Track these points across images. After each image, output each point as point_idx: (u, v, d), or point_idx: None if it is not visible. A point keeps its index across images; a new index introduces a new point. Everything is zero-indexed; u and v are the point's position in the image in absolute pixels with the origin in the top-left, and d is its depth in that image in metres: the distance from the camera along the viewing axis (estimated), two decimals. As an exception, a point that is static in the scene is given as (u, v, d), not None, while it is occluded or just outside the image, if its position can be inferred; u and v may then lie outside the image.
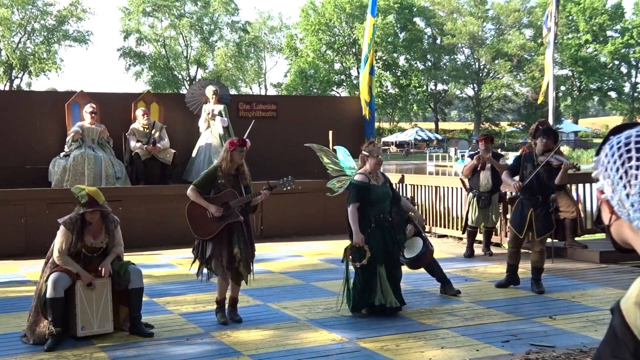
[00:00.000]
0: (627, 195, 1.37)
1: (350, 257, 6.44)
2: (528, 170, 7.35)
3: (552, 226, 7.52)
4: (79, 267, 5.73)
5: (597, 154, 1.47)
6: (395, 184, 12.45)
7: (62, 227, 5.76)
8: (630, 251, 1.44)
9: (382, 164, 6.65)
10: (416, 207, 7.80)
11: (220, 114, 12.00)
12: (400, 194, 12.07)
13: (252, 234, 6.50)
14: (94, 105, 11.21)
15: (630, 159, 1.37)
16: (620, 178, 1.38)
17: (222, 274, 6.31)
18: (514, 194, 7.49)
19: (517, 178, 7.48)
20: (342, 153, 7.45)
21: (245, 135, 11.02)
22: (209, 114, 11.95)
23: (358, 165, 6.81)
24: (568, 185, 9.59)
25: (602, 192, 1.43)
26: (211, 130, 11.96)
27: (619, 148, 1.40)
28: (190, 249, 6.51)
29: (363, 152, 6.62)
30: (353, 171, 6.98)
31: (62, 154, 11.09)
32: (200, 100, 12.25)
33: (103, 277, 5.80)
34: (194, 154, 12.03)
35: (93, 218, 5.78)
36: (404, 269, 7.48)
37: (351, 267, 6.52)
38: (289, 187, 6.76)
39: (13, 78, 66.95)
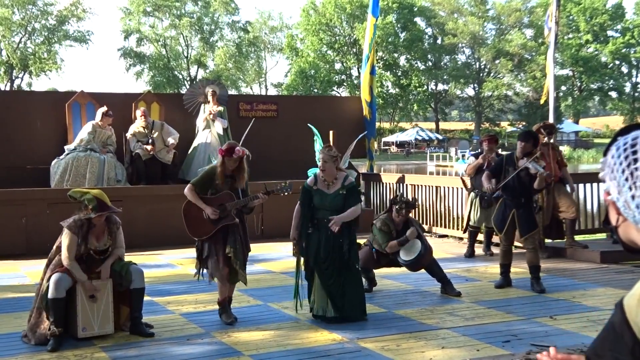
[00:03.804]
0: (633, 197, 1.36)
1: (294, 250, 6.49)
2: (510, 174, 7.46)
3: (534, 226, 7.63)
4: (84, 277, 5.69)
5: (605, 154, 1.46)
6: (393, 183, 12.52)
7: (67, 231, 5.70)
8: (638, 251, 1.43)
9: (325, 171, 6.22)
10: (416, 205, 7.65)
11: (220, 114, 12.03)
12: (405, 195, 12.10)
13: (247, 236, 6.49)
14: (109, 111, 11.22)
15: (636, 160, 1.37)
16: (626, 180, 1.38)
17: (219, 276, 6.29)
18: (496, 193, 7.59)
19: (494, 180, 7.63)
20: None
21: (244, 136, 11.09)
22: (210, 113, 11.96)
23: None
24: (567, 187, 9.59)
25: (608, 193, 1.43)
26: (210, 131, 11.98)
27: (625, 150, 1.39)
28: (191, 249, 6.53)
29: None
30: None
31: (65, 154, 11.09)
32: (197, 100, 12.26)
33: (102, 281, 5.80)
34: (189, 152, 12.05)
35: (99, 220, 5.77)
36: (403, 270, 7.50)
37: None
38: (286, 193, 6.72)
39: (14, 78, 66.98)
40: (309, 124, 11.57)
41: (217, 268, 6.26)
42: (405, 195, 7.69)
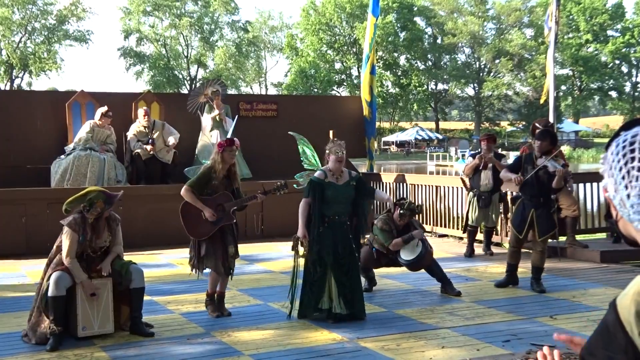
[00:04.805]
0: (628, 196, 1.36)
1: (297, 248, 6.44)
2: (528, 173, 7.39)
3: (554, 226, 7.54)
4: (84, 276, 5.69)
5: (607, 148, 1.45)
6: (393, 182, 12.51)
7: (68, 230, 5.69)
8: (639, 245, 1.44)
9: (342, 162, 6.33)
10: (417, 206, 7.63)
11: (225, 113, 12.02)
12: (410, 199, 12.10)
13: (235, 230, 6.59)
14: (109, 111, 11.21)
15: (633, 159, 1.36)
16: (623, 178, 1.37)
17: (215, 269, 6.40)
18: (515, 194, 7.50)
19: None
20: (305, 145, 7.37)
21: (230, 132, 11.04)
22: (218, 115, 11.89)
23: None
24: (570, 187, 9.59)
25: (606, 190, 1.43)
26: (219, 130, 11.89)
27: (624, 147, 1.39)
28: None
29: (326, 148, 6.48)
30: (315, 166, 6.97)
31: (65, 153, 11.09)
32: (197, 100, 12.21)
33: (103, 278, 5.80)
34: (198, 152, 12.00)
35: (107, 211, 5.81)
36: (403, 269, 7.50)
37: (301, 268, 6.49)
38: (282, 192, 6.78)
39: (14, 78, 66.98)
40: (289, 132, 11.33)
41: (217, 265, 6.36)
42: (412, 201, 7.68)
